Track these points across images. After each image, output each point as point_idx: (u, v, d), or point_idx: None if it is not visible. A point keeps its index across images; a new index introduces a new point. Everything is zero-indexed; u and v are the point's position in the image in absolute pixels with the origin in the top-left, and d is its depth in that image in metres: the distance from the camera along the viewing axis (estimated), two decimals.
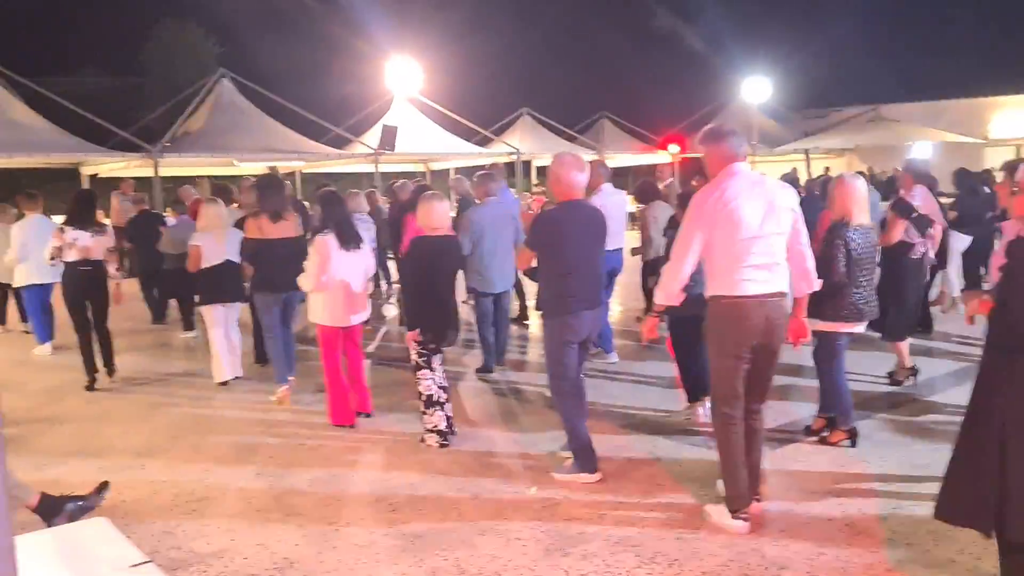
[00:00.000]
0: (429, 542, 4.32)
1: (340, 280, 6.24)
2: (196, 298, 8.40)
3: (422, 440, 5.87)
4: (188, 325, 10.40)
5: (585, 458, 5.11)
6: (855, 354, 6.74)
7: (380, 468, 5.45)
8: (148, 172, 17.21)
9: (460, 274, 6.70)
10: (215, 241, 7.54)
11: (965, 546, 4.07)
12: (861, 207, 5.45)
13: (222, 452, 5.88)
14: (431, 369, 5.88)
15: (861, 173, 9.57)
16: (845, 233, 5.37)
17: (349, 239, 6.29)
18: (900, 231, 6.50)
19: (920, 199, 6.79)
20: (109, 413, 7.00)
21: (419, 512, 4.71)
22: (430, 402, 5.84)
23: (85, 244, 7.55)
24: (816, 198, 10.08)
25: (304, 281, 6.31)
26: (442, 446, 5.78)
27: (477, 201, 8.26)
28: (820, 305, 5.47)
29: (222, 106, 18.60)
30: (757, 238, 4.18)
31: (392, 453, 5.73)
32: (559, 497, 4.84)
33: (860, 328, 5.63)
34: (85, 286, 7.66)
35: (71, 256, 7.53)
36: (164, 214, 12.20)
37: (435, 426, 5.83)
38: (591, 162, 6.87)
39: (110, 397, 7.52)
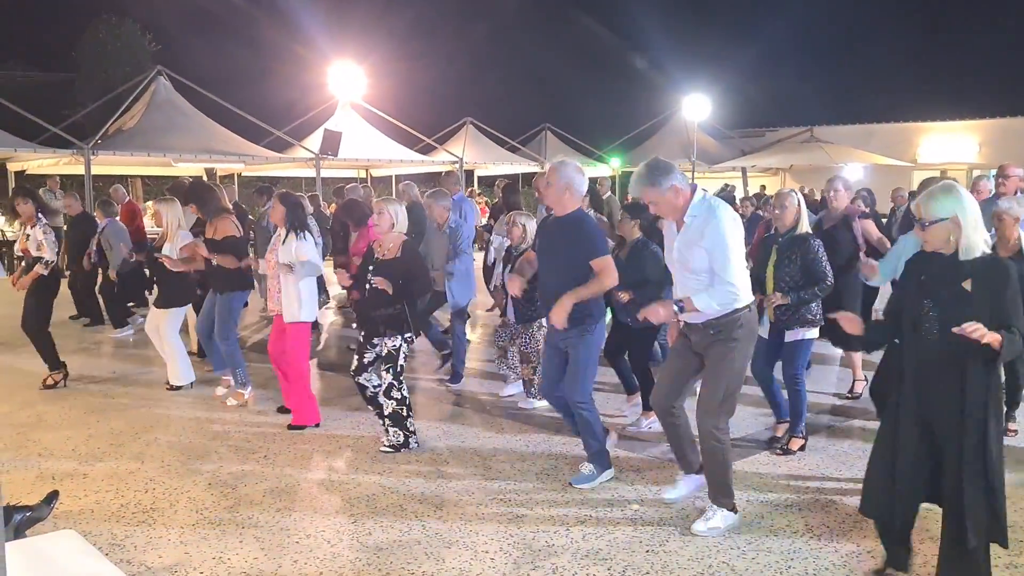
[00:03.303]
0: (394, 555, 4.20)
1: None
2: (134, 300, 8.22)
3: (404, 446, 5.75)
4: (120, 323, 10.29)
5: (607, 458, 5.22)
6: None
7: (337, 478, 5.28)
8: (79, 170, 16.61)
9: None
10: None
11: (929, 558, 4.12)
12: (807, 219, 5.80)
13: (169, 460, 5.64)
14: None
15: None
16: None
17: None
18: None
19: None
20: (44, 418, 6.67)
21: (381, 524, 4.57)
22: (409, 405, 5.84)
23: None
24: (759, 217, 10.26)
25: (311, 270, 6.27)
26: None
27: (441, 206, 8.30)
28: (798, 313, 5.58)
29: (158, 104, 18.07)
30: None
31: (349, 463, 5.57)
32: (524, 509, 4.76)
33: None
34: None
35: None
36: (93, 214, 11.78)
37: (415, 429, 5.87)
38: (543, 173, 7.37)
39: (44, 402, 7.17)
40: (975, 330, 3.21)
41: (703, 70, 31.05)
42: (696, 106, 25.66)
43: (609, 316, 5.92)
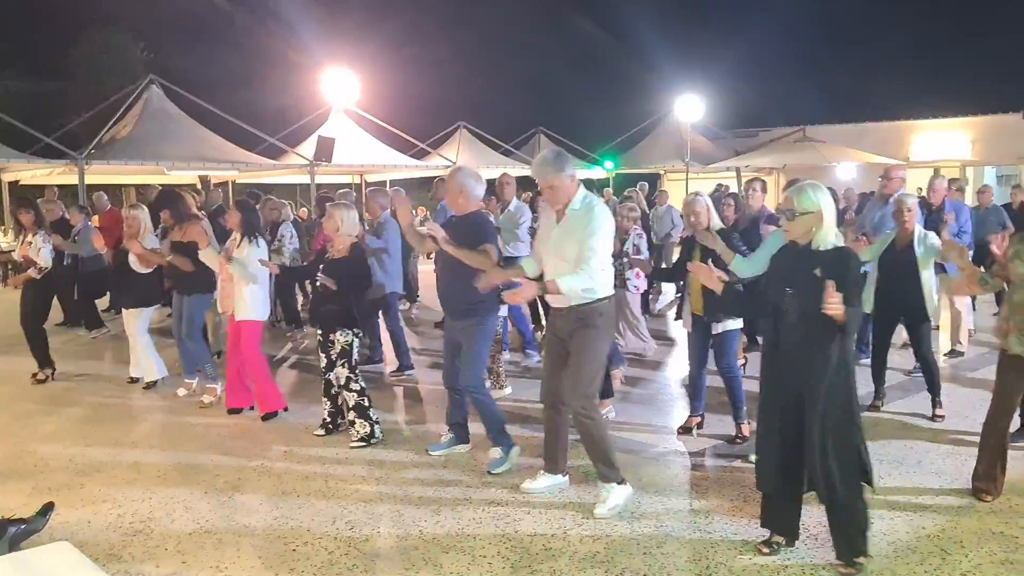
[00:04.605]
0: (392, 562, 4.20)
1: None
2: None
3: (371, 436, 6.04)
4: (95, 324, 10.88)
5: (508, 436, 5.56)
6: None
7: (334, 484, 5.28)
8: (72, 180, 16.56)
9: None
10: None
11: (925, 557, 4.14)
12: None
13: (166, 469, 5.64)
14: None
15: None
16: None
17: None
18: None
19: None
20: (40, 429, 6.66)
21: (378, 530, 4.57)
22: (368, 396, 6.15)
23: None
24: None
25: (244, 273, 6.58)
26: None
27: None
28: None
29: (151, 113, 18.00)
30: None
31: (345, 469, 5.57)
32: (521, 513, 4.76)
33: None
34: None
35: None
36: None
37: (378, 418, 6.21)
38: (504, 175, 8.41)
39: (41, 413, 7.16)
40: (835, 303, 3.68)
41: (696, 70, 31.17)
42: (689, 107, 25.67)
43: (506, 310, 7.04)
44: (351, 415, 6.06)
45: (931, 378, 6.55)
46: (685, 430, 6.25)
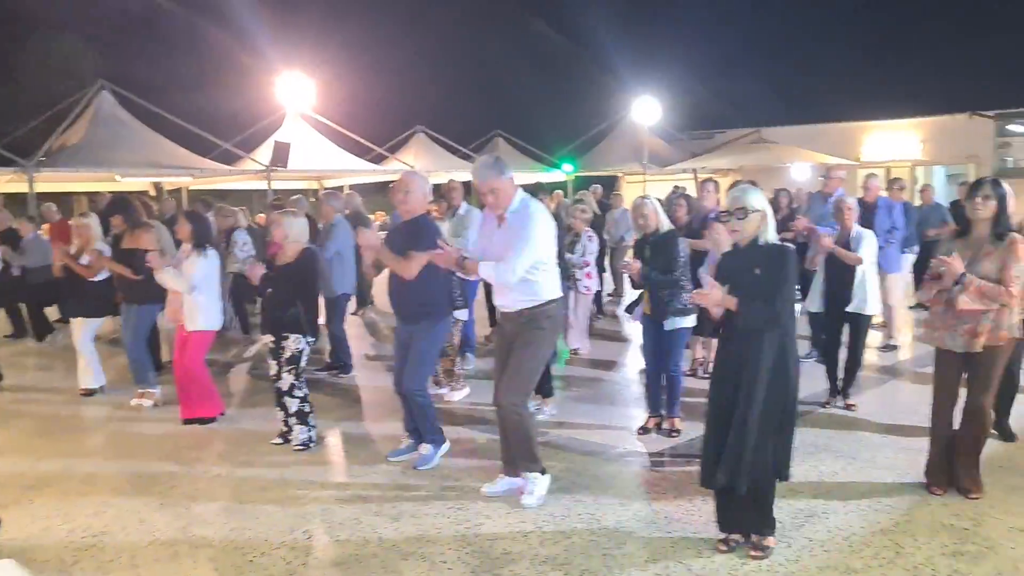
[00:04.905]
0: (351, 570, 4.16)
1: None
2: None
3: (311, 441, 6.11)
4: (45, 331, 10.77)
5: (442, 434, 5.72)
6: None
7: (292, 492, 5.22)
8: (22, 188, 16.20)
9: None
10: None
11: (879, 551, 4.21)
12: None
13: (119, 482, 5.53)
14: None
15: None
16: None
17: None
18: None
19: None
20: None
21: (337, 539, 4.53)
22: (310, 402, 6.20)
23: None
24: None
25: (182, 285, 6.66)
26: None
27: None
28: (671, 305, 6.05)
29: (102, 119, 17.65)
30: None
31: (301, 476, 5.51)
32: (481, 518, 4.75)
33: None
34: None
35: None
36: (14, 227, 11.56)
37: (315, 424, 6.24)
38: (451, 182, 8.55)
39: None
40: (701, 296, 4.01)
41: (652, 72, 31.31)
42: (646, 109, 25.85)
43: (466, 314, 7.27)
44: (291, 420, 6.10)
45: (852, 370, 6.83)
46: (644, 430, 6.29)
